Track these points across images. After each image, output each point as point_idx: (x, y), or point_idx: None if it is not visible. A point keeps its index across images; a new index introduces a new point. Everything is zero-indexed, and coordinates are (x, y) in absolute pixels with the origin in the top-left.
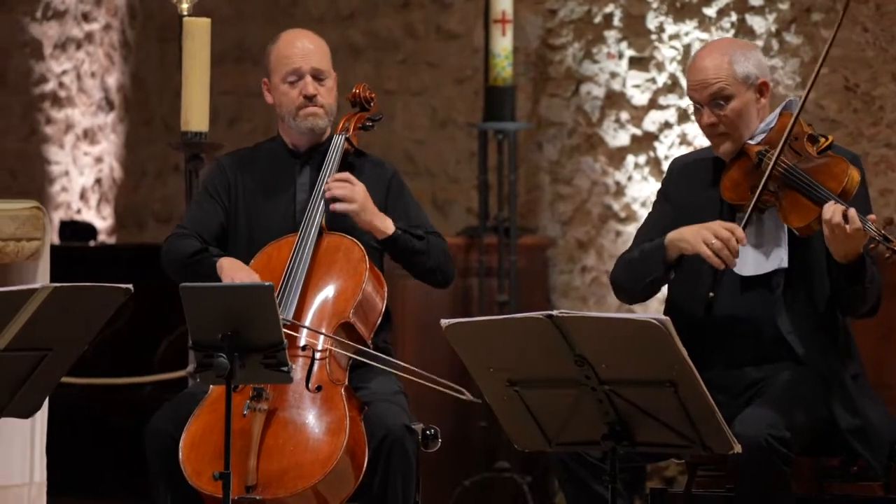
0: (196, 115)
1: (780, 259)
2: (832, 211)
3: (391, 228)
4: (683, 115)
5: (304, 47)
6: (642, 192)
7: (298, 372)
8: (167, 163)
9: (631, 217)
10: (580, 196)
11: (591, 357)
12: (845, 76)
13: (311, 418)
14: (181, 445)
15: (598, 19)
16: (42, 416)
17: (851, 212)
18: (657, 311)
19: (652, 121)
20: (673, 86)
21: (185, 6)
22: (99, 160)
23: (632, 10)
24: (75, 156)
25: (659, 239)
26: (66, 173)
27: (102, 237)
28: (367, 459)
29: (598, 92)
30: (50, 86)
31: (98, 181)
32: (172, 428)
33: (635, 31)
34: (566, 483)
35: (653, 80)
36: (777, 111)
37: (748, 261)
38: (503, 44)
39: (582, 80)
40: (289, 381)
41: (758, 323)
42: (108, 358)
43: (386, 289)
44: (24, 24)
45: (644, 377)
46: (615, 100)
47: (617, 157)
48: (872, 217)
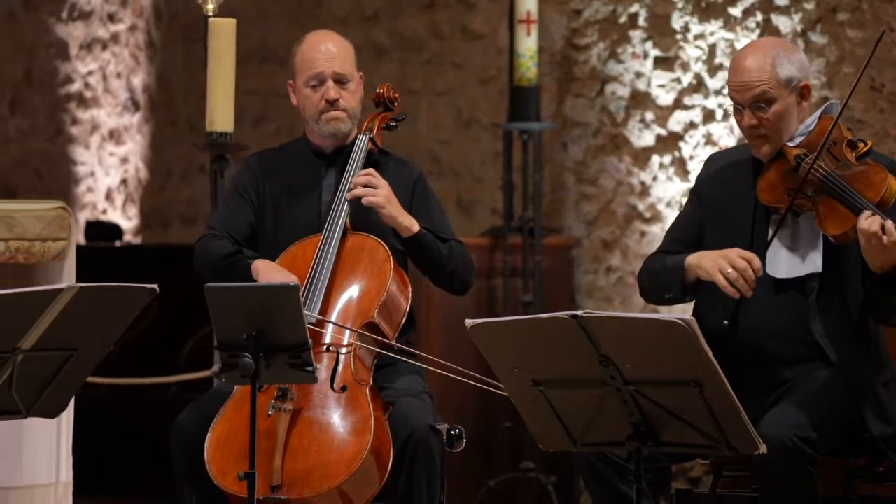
0: (221, 115)
1: (815, 263)
2: (869, 222)
3: (416, 226)
4: (709, 116)
5: (327, 50)
6: (667, 192)
7: (323, 372)
8: (192, 163)
9: (656, 217)
10: (605, 196)
11: (616, 357)
12: (871, 76)
13: (336, 418)
14: (206, 445)
15: (623, 19)
16: (68, 415)
17: (889, 224)
18: (683, 310)
19: (677, 121)
20: (698, 86)
21: (210, 7)
22: (124, 160)
23: (657, 10)
24: (101, 156)
25: (682, 256)
26: (92, 174)
27: (128, 237)
28: (391, 459)
29: (623, 92)
30: (76, 86)
31: (124, 181)
32: (197, 428)
33: (660, 30)
34: (591, 483)
35: (678, 80)
36: (817, 114)
37: (782, 263)
38: (528, 44)
39: (607, 80)
40: (314, 381)
41: (790, 326)
42: (134, 358)
43: (410, 289)
44: (50, 24)
45: (669, 377)
46: (640, 100)
47: (642, 157)
48: None
